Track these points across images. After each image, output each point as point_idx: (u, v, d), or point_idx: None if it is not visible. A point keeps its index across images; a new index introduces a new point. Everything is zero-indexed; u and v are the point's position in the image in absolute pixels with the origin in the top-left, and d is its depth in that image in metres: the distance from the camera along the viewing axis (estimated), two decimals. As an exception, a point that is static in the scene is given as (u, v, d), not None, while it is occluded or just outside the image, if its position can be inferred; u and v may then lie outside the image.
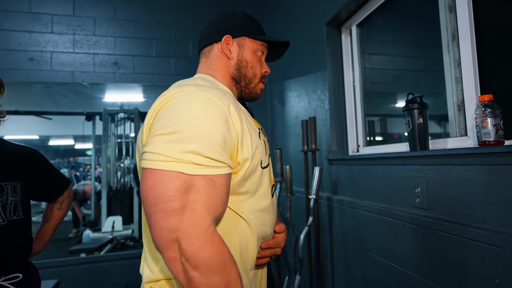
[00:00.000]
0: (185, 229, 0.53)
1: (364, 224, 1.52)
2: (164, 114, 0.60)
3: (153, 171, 0.56)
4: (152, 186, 0.55)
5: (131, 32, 2.87)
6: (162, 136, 0.57)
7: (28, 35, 2.63)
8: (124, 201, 5.08)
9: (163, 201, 0.54)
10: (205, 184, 0.56)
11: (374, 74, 1.78)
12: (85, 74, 2.74)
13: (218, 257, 0.54)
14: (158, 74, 2.90)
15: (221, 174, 0.58)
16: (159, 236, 0.54)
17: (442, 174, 1.07)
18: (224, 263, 0.55)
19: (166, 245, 0.54)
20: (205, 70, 0.79)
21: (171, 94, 0.62)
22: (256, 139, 0.70)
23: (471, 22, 1.10)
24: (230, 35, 0.77)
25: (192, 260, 0.53)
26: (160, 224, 0.54)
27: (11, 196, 1.07)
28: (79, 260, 2.97)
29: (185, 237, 0.53)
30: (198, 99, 0.60)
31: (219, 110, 0.61)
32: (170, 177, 0.55)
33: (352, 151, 1.83)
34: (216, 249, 0.55)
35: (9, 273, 1.07)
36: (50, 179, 1.28)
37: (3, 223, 1.04)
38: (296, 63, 2.35)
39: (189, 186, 0.55)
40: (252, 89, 0.81)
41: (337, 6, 1.72)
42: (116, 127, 5.43)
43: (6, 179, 1.08)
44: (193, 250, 0.53)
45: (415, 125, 1.18)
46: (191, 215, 0.54)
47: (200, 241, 0.53)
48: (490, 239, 0.89)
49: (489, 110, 0.92)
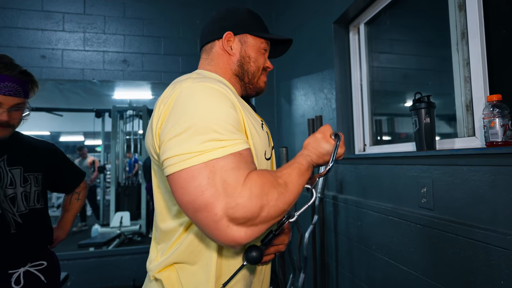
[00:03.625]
0: (227, 204, 0.52)
1: (369, 224, 1.52)
2: (171, 117, 0.59)
3: (181, 172, 0.54)
4: (184, 186, 0.54)
5: (140, 30, 2.90)
6: (176, 137, 0.56)
7: (40, 33, 2.69)
8: (132, 197, 5.15)
9: (199, 194, 0.53)
10: (232, 158, 0.55)
11: (382, 73, 1.77)
12: (95, 71, 2.78)
13: (264, 184, 0.55)
14: (166, 72, 2.93)
15: (244, 148, 0.58)
16: (211, 229, 0.53)
17: (449, 175, 1.06)
18: (269, 181, 0.57)
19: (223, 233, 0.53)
20: (206, 66, 0.79)
21: (171, 94, 0.61)
22: (259, 129, 0.70)
23: (481, 20, 1.09)
24: (232, 31, 0.76)
25: (253, 210, 0.53)
26: (207, 218, 0.53)
27: (34, 186, 1.13)
28: (88, 254, 3.03)
29: (235, 210, 0.52)
30: (197, 89, 0.60)
31: (221, 94, 0.61)
32: (198, 170, 0.53)
33: (359, 150, 1.82)
34: (259, 182, 0.55)
35: (35, 260, 1.12)
36: (68, 172, 1.35)
37: (26, 212, 1.09)
38: (303, 62, 2.35)
39: (216, 169, 0.54)
40: (256, 83, 0.80)
41: (346, 5, 1.71)
42: (124, 124, 5.51)
43: (29, 171, 1.13)
44: (246, 205, 0.52)
45: (422, 124, 1.17)
46: (225, 189, 0.53)
47: (245, 195, 0.53)
48: (497, 240, 0.88)
49: (497, 110, 0.90)
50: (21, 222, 1.07)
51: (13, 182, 1.08)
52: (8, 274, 1.05)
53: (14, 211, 1.07)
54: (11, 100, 1.01)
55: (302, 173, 0.66)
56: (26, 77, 1.06)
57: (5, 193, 1.06)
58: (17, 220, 1.07)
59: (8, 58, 1.05)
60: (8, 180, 1.07)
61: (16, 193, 1.08)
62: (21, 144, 1.16)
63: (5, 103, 1.00)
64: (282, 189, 0.59)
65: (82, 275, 2.79)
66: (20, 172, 1.10)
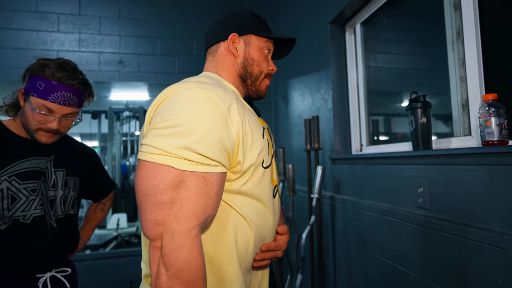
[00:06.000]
0: (169, 224, 0.54)
1: (366, 224, 1.52)
2: (162, 109, 0.60)
3: (146, 163, 0.57)
4: (144, 177, 0.56)
5: (136, 30, 2.89)
6: (158, 130, 0.58)
7: (35, 34, 2.66)
8: (129, 198, 5.13)
9: (153, 193, 0.55)
10: (196, 182, 0.56)
11: (378, 73, 1.77)
12: (90, 72, 2.76)
13: (191, 265, 0.54)
14: (162, 73, 2.92)
15: (213, 172, 0.58)
16: (147, 227, 0.56)
17: (445, 174, 1.06)
18: (195, 276, 0.54)
19: (152, 236, 0.55)
20: (212, 68, 0.79)
21: (172, 90, 0.62)
22: (259, 139, 0.69)
23: (476, 20, 1.09)
24: (237, 33, 0.77)
25: (166, 258, 0.53)
26: (148, 216, 0.55)
27: (72, 190, 1.10)
28: (84, 256, 3.00)
29: (168, 233, 0.54)
30: (197, 96, 0.60)
31: (217, 109, 0.60)
32: (161, 170, 0.55)
33: (356, 150, 1.82)
34: (193, 256, 0.54)
35: (61, 265, 1.10)
36: (101, 180, 1.31)
37: (62, 216, 1.07)
38: (300, 62, 2.35)
39: (180, 181, 0.55)
40: (258, 86, 0.81)
41: (341, 5, 1.71)
42: (121, 125, 5.48)
43: (71, 174, 1.10)
44: (171, 248, 0.53)
45: (418, 124, 1.17)
46: (178, 212, 0.54)
47: (180, 241, 0.54)
48: (493, 240, 0.88)
49: (493, 109, 0.90)
50: (56, 227, 1.04)
51: (56, 184, 1.05)
52: (36, 278, 1.02)
53: (51, 215, 1.04)
54: (64, 109, 0.99)
55: None
56: (84, 87, 1.03)
57: (47, 195, 1.03)
58: (53, 224, 1.04)
59: (72, 65, 1.02)
60: (51, 182, 1.04)
61: (56, 196, 1.05)
62: (67, 145, 1.13)
63: (58, 111, 0.98)
64: None
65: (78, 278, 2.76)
66: (63, 175, 1.08)
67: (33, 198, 0.98)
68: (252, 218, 0.69)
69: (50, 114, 0.97)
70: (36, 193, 0.99)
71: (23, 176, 0.97)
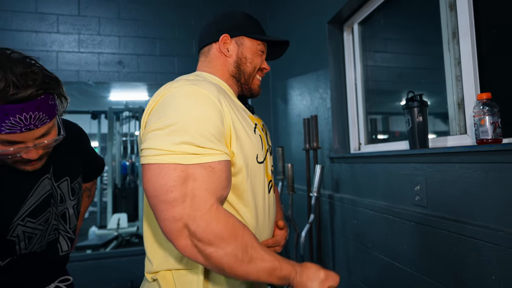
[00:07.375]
0: (188, 215, 0.56)
1: (365, 222, 1.53)
2: (156, 111, 0.62)
3: (151, 166, 0.58)
4: (151, 180, 0.57)
5: (135, 31, 2.90)
6: (155, 131, 0.59)
7: (35, 35, 2.67)
8: (129, 198, 5.14)
9: (163, 192, 0.56)
10: (203, 171, 0.58)
11: (376, 72, 1.78)
12: (90, 73, 2.77)
13: (227, 228, 0.57)
14: (162, 73, 2.93)
15: (219, 160, 0.60)
16: (167, 226, 0.57)
17: (441, 172, 1.08)
18: (234, 231, 0.57)
19: (175, 234, 0.56)
20: (204, 68, 0.81)
21: (162, 92, 0.64)
22: (250, 133, 0.70)
23: (471, 20, 1.10)
24: (228, 34, 0.78)
25: (204, 239, 0.55)
26: (165, 215, 0.56)
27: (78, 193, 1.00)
28: (85, 256, 3.02)
29: (190, 222, 0.55)
30: (187, 92, 0.62)
31: (209, 101, 0.62)
32: (167, 169, 0.57)
33: (354, 149, 1.84)
34: (223, 221, 0.57)
35: (63, 275, 1.02)
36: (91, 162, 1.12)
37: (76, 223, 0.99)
38: (298, 62, 2.36)
39: (186, 175, 0.57)
40: (251, 84, 0.82)
41: (339, 5, 1.72)
42: (121, 126, 5.49)
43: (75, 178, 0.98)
44: (202, 229, 0.55)
45: (414, 123, 1.19)
46: (192, 202, 0.56)
47: (205, 221, 0.56)
48: (488, 236, 0.90)
49: (487, 108, 0.92)
50: (73, 237, 0.97)
51: (63, 198, 0.93)
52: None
53: (67, 228, 0.95)
54: (33, 133, 0.69)
55: (275, 275, 0.60)
56: (46, 89, 0.68)
57: (57, 211, 0.91)
58: (71, 236, 0.96)
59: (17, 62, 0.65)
60: (58, 198, 0.91)
61: (67, 208, 0.94)
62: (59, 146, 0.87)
63: (26, 139, 0.69)
64: (244, 256, 0.57)
65: (80, 278, 2.78)
66: (67, 184, 0.94)
67: (46, 227, 0.89)
68: (246, 213, 0.69)
69: (17, 146, 0.69)
70: (49, 221, 0.89)
71: (35, 214, 0.84)
